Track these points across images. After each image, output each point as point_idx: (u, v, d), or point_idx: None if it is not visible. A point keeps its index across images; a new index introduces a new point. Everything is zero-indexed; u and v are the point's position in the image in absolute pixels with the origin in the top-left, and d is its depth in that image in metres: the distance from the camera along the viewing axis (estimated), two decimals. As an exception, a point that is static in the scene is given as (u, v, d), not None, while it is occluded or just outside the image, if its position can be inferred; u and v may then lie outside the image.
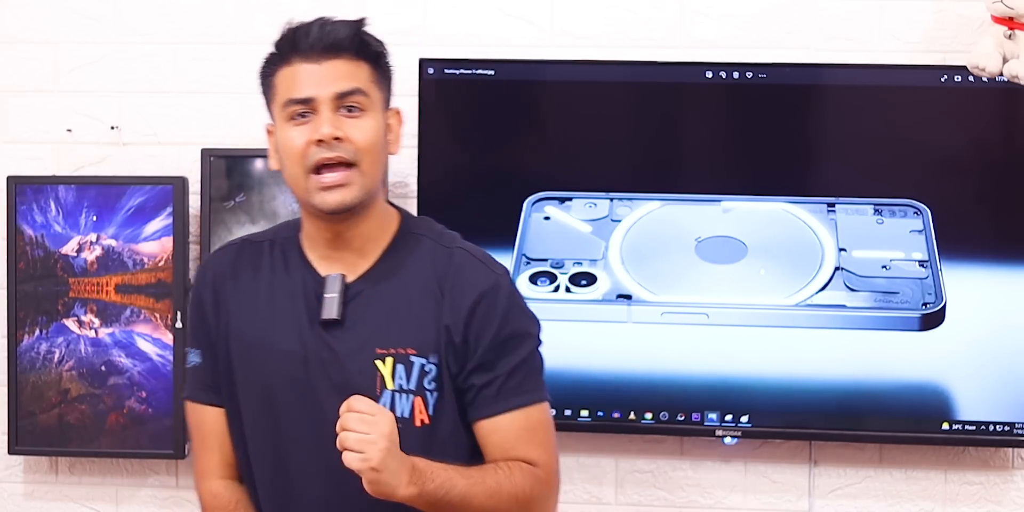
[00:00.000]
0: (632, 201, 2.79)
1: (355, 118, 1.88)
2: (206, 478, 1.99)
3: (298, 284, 1.95)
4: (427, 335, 1.91)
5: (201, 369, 1.99)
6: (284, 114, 1.90)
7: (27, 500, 3.01)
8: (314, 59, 1.88)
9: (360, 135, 1.87)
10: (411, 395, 1.89)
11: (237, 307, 1.97)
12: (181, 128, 2.96)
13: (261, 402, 1.93)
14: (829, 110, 2.82)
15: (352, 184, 1.88)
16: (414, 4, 2.91)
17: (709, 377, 2.75)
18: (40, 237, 2.89)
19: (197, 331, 2.00)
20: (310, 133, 1.87)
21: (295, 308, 1.93)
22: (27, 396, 2.90)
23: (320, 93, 1.87)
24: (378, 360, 1.89)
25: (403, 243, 1.97)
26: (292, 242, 1.99)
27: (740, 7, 2.86)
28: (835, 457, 2.86)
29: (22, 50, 2.99)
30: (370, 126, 1.89)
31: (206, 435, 1.99)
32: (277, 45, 1.93)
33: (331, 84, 1.87)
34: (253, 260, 1.99)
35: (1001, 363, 2.72)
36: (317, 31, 1.88)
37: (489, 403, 1.91)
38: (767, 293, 2.74)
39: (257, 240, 2.03)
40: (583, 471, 2.90)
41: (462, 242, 2.00)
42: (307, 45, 1.88)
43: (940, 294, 2.70)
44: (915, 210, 2.74)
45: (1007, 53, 2.59)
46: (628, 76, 2.82)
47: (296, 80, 1.88)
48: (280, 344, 1.92)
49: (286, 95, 1.89)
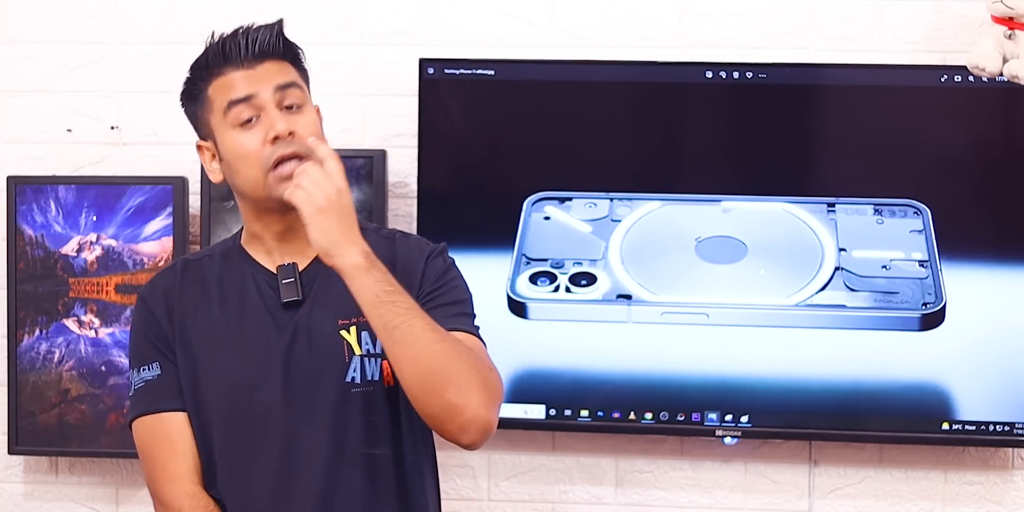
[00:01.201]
0: (632, 201, 2.79)
1: (296, 114, 1.96)
2: (177, 482, 1.97)
3: (249, 280, 2.00)
4: None
5: (159, 381, 1.99)
6: (228, 121, 1.95)
7: (27, 500, 3.01)
8: (247, 65, 1.96)
9: (305, 130, 1.94)
10: (379, 359, 1.95)
11: (189, 315, 2.00)
12: (181, 128, 2.92)
13: (232, 395, 1.95)
14: (829, 110, 2.82)
15: None
16: (414, 4, 2.92)
17: (709, 377, 2.75)
18: (40, 237, 2.89)
19: (151, 346, 2.01)
20: (264, 133, 1.92)
21: (252, 301, 1.99)
22: (27, 396, 2.90)
23: (261, 90, 1.94)
24: (342, 330, 1.96)
25: None
26: (233, 250, 2.06)
27: (740, 7, 2.86)
28: (835, 457, 2.86)
29: (22, 50, 2.99)
30: (311, 120, 1.97)
31: (174, 441, 1.98)
32: (204, 60, 1.99)
33: (269, 81, 1.94)
34: (197, 273, 2.04)
35: (1001, 363, 2.72)
36: (244, 39, 1.96)
37: None
38: (767, 293, 2.74)
39: (195, 258, 2.09)
40: (583, 471, 2.90)
41: (399, 231, 2.10)
42: (236, 54, 1.96)
43: (940, 294, 2.70)
44: (915, 210, 2.74)
45: (1007, 53, 2.59)
46: (628, 76, 2.82)
47: (233, 85, 1.95)
48: (246, 335, 1.96)
49: (226, 98, 1.95)
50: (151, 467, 1.99)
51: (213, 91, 1.97)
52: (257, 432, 1.95)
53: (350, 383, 1.94)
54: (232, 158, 1.96)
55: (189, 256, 2.12)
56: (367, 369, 1.95)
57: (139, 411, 2.00)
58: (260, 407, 1.94)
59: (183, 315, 2.00)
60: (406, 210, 2.88)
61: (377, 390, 1.95)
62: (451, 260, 2.06)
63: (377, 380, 1.96)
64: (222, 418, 1.96)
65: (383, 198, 2.82)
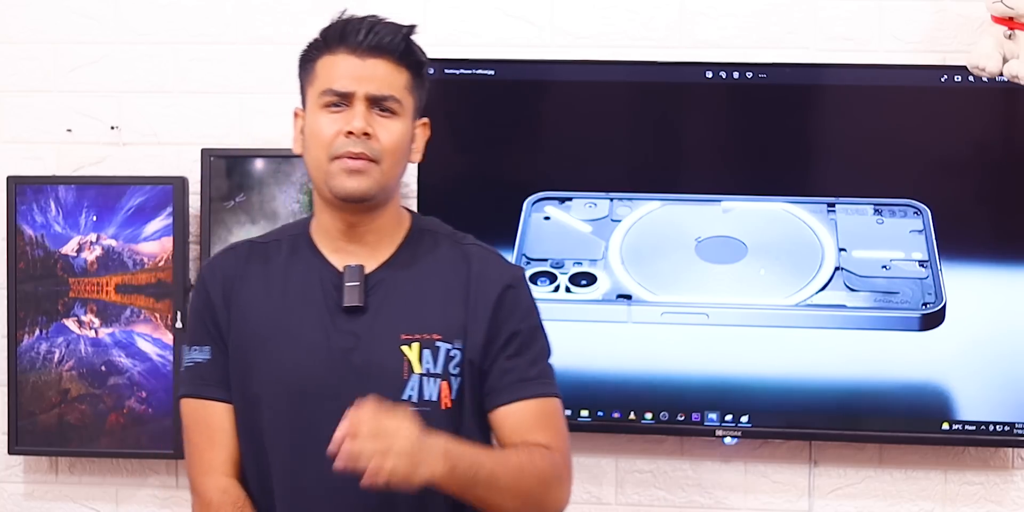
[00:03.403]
0: (632, 201, 2.79)
1: (386, 118, 1.93)
2: (211, 474, 1.97)
3: (314, 276, 1.97)
4: (452, 322, 1.95)
5: (208, 366, 1.98)
6: (319, 101, 1.93)
7: (27, 500, 3.01)
8: (359, 54, 1.92)
9: (387, 135, 1.92)
10: (438, 379, 1.93)
11: (250, 304, 1.97)
12: (181, 128, 2.96)
13: (283, 394, 1.93)
14: (829, 110, 2.82)
15: (371, 174, 1.91)
16: (414, 4, 2.91)
17: (709, 377, 2.75)
18: (40, 237, 2.89)
19: (205, 328, 1.99)
20: (342, 124, 1.90)
21: (314, 299, 1.95)
22: (27, 396, 2.90)
23: (357, 90, 1.91)
24: (404, 345, 1.92)
25: (418, 238, 2.01)
26: (302, 238, 2.02)
27: (740, 7, 2.86)
28: (835, 457, 2.86)
29: (22, 50, 2.99)
30: (398, 128, 1.93)
31: (214, 431, 1.97)
32: (324, 33, 1.97)
33: (369, 84, 1.91)
34: (262, 258, 2.01)
35: (1001, 363, 2.72)
36: (367, 29, 1.93)
37: (509, 390, 1.95)
38: (767, 293, 2.74)
39: (262, 241, 2.06)
40: (583, 471, 2.90)
41: (475, 240, 2.05)
42: (355, 40, 1.93)
43: (940, 294, 2.70)
44: (915, 210, 2.74)
45: (1007, 53, 2.59)
46: (628, 76, 2.82)
47: (337, 71, 1.92)
48: (302, 334, 1.93)
49: (325, 84, 1.93)
50: (189, 452, 2.00)
51: (320, 67, 1.95)
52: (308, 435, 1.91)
53: (406, 401, 1.90)
54: (309, 135, 1.95)
55: (255, 238, 2.08)
56: (425, 389, 1.92)
57: (185, 391, 2.00)
58: (310, 411, 1.91)
59: (242, 303, 1.97)
60: (406, 210, 2.88)
61: (434, 411, 1.92)
62: (527, 288, 2.03)
63: (435, 401, 1.93)
64: (271, 417, 1.94)
65: (383, 198, 2.82)
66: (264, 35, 2.95)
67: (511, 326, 1.96)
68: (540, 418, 1.96)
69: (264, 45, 2.95)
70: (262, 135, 2.93)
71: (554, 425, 1.97)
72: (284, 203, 2.85)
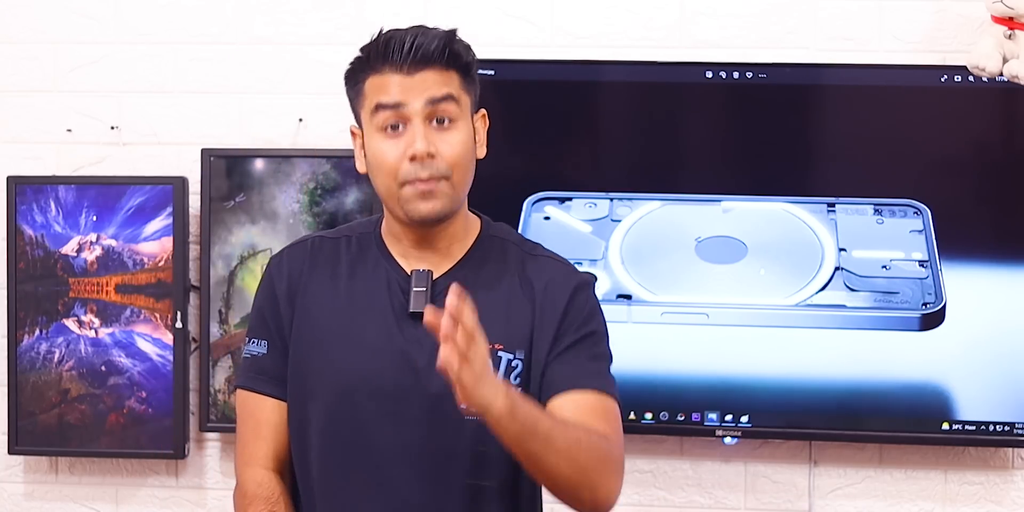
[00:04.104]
0: (632, 201, 2.79)
1: (446, 131, 1.89)
2: (251, 466, 1.97)
3: (382, 278, 1.95)
4: (515, 331, 1.92)
5: (265, 360, 1.97)
6: (375, 123, 1.90)
7: (27, 500, 3.01)
8: (405, 70, 1.89)
9: (450, 150, 1.88)
10: None
11: (314, 301, 1.96)
12: (181, 128, 2.96)
13: (340, 394, 1.92)
14: (829, 110, 2.82)
15: (442, 194, 1.89)
16: (414, 4, 2.92)
17: (709, 377, 2.75)
18: (40, 237, 2.89)
19: (265, 323, 1.98)
20: (404, 148, 1.87)
21: (380, 302, 1.93)
22: (27, 396, 2.90)
23: (411, 100, 1.88)
24: None
25: (487, 245, 1.99)
26: (371, 238, 2.00)
27: (740, 7, 2.86)
28: (835, 457, 2.86)
29: (22, 50, 2.99)
30: (459, 140, 1.90)
31: (261, 424, 1.97)
32: (367, 50, 1.93)
33: (422, 92, 1.88)
34: (331, 255, 1.99)
35: (1001, 363, 2.72)
36: (410, 43, 1.90)
37: (568, 380, 1.91)
38: (767, 293, 2.74)
39: (332, 236, 2.03)
40: (583, 471, 2.90)
41: (545, 249, 2.03)
42: (399, 57, 1.89)
43: (940, 294, 2.70)
44: (915, 210, 2.74)
45: (1007, 53, 2.59)
46: (628, 76, 2.82)
47: (386, 87, 1.89)
48: (365, 337, 1.92)
49: (376, 99, 1.89)
50: (238, 441, 2.00)
51: (368, 87, 1.91)
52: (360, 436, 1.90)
53: (464, 410, 1.83)
54: (372, 161, 1.92)
55: (325, 233, 2.05)
56: None
57: (240, 383, 2.00)
58: (366, 414, 1.90)
59: (307, 299, 1.96)
60: (406, 210, 2.88)
61: None
62: (595, 295, 2.00)
63: None
64: (323, 416, 1.92)
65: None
66: (264, 35, 2.95)
67: (574, 327, 1.94)
68: (598, 411, 1.91)
69: (264, 45, 2.95)
70: (262, 135, 2.93)
71: (612, 422, 1.92)
72: (284, 203, 2.85)
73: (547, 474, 1.83)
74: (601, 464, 1.85)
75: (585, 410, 1.90)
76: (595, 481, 1.85)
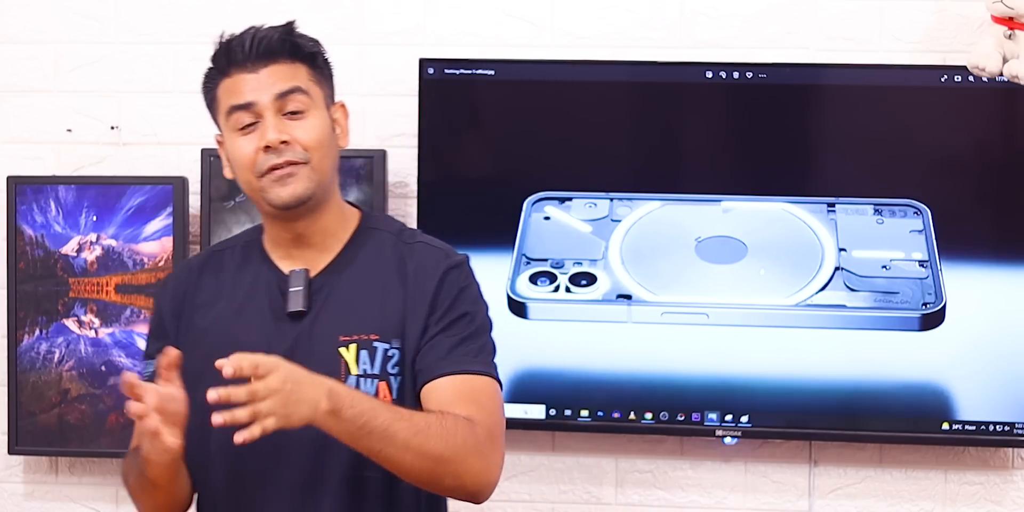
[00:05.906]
0: (632, 201, 2.79)
1: (299, 120, 1.94)
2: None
3: (261, 282, 2.00)
4: (389, 321, 1.94)
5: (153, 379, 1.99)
6: (231, 125, 1.96)
7: (27, 500, 3.01)
8: (251, 68, 1.95)
9: (305, 135, 1.93)
10: (375, 380, 1.93)
11: (200, 312, 2.01)
12: (181, 128, 2.96)
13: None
14: (829, 110, 2.82)
15: (302, 177, 1.93)
16: (414, 4, 2.92)
17: (709, 377, 2.75)
18: (40, 237, 2.89)
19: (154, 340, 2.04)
20: (258, 140, 1.92)
21: (259, 304, 1.98)
22: (27, 396, 2.90)
23: (260, 97, 1.93)
24: (342, 347, 1.93)
25: (363, 237, 2.02)
26: (254, 245, 2.05)
27: (740, 7, 2.86)
28: (835, 457, 2.86)
29: (22, 50, 2.99)
30: (314, 125, 1.95)
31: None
32: (214, 60, 1.99)
33: (270, 87, 1.93)
34: (216, 266, 2.05)
35: (1001, 363, 2.72)
36: (250, 41, 1.96)
37: (433, 367, 1.92)
38: (767, 293, 2.74)
39: (220, 248, 2.10)
40: (583, 471, 2.90)
41: (423, 236, 2.05)
42: (243, 56, 1.95)
43: (940, 294, 2.70)
44: (915, 210, 2.74)
45: (1007, 53, 2.59)
46: (628, 76, 2.82)
47: (236, 89, 1.95)
48: (246, 340, 1.93)
49: (228, 103, 1.95)
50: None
51: (221, 92, 1.97)
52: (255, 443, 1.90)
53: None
54: (232, 160, 1.98)
55: (214, 246, 2.13)
56: (362, 390, 1.90)
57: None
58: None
59: (194, 312, 2.01)
60: (406, 210, 2.88)
61: None
62: (468, 274, 2.01)
63: None
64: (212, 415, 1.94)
65: (383, 198, 2.82)
66: (264, 35, 2.95)
67: (443, 310, 1.95)
68: (465, 394, 1.91)
69: (264, 45, 2.94)
70: (262, 135, 2.92)
71: (480, 401, 1.92)
72: (284, 203, 2.85)
73: (396, 468, 1.83)
74: (461, 449, 1.85)
75: (449, 397, 1.91)
76: (456, 468, 1.85)
